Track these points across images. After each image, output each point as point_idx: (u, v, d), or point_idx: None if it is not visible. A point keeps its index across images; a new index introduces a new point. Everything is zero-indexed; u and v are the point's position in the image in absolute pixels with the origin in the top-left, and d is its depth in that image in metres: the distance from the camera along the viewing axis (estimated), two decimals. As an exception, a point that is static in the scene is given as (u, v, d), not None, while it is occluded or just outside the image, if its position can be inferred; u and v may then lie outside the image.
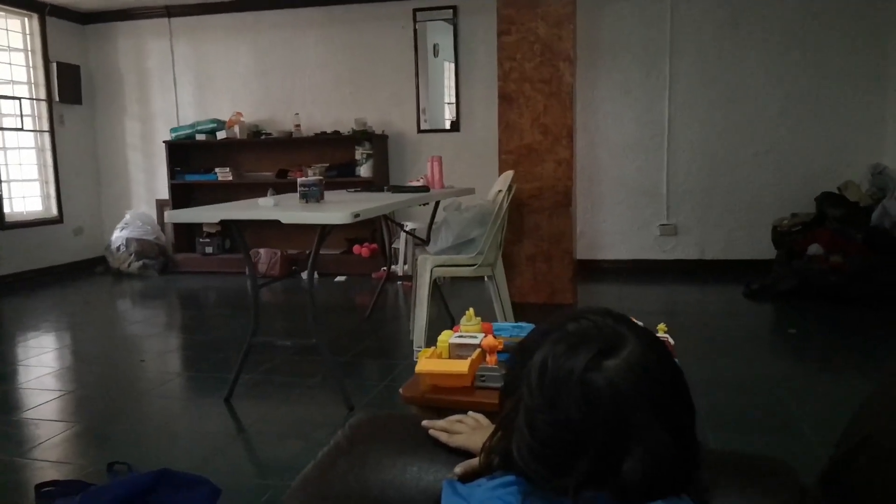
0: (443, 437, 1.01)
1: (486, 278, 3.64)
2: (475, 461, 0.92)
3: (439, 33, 5.83)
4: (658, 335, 1.44)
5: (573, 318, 0.77)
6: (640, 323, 0.80)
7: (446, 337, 1.57)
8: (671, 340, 1.45)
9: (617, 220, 5.62)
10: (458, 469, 0.95)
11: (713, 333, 3.79)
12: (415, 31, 5.83)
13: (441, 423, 1.04)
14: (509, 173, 3.81)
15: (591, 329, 0.75)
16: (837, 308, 4.15)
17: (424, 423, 1.05)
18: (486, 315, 1.71)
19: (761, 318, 4.28)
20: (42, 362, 3.61)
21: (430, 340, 1.61)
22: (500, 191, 3.63)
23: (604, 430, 0.70)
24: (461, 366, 1.48)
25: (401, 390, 1.57)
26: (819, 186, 5.05)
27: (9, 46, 5.91)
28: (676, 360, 1.31)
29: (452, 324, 3.05)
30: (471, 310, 1.71)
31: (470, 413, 1.08)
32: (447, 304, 4.05)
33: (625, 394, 0.70)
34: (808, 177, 5.19)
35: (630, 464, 0.70)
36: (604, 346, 0.72)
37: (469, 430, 1.02)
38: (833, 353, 3.45)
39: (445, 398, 1.46)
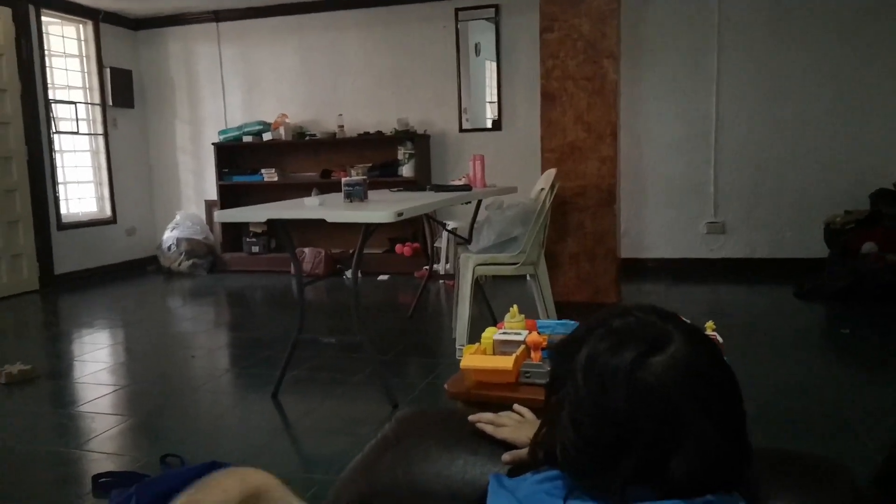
0: (489, 429, 1.02)
1: (528, 277, 3.63)
2: (523, 451, 0.92)
3: (481, 32, 5.84)
4: (706, 333, 1.42)
5: (619, 314, 0.77)
6: (687, 320, 0.79)
7: (490, 333, 1.58)
8: (720, 339, 1.43)
9: (662, 218, 5.54)
10: (507, 457, 0.96)
11: (762, 334, 3.71)
12: (456, 30, 5.84)
13: (487, 415, 1.05)
14: (552, 171, 3.79)
15: (638, 326, 0.75)
16: (893, 308, 4.02)
17: (471, 417, 1.06)
18: (529, 314, 1.71)
19: (813, 318, 4.17)
20: (97, 358, 3.74)
21: (473, 339, 1.61)
22: (542, 189, 3.62)
23: (650, 427, 0.70)
24: (506, 362, 1.48)
25: (446, 386, 1.58)
26: (873, 183, 4.89)
27: (65, 52, 6.12)
28: (725, 358, 1.29)
29: (494, 322, 3.04)
30: (515, 307, 1.71)
31: (515, 407, 1.08)
32: (489, 302, 4.05)
33: (671, 391, 0.70)
34: (861, 173, 5.03)
35: (677, 461, 0.69)
36: (650, 342, 0.72)
37: (515, 424, 1.02)
38: (888, 355, 3.34)
39: (490, 394, 1.46)
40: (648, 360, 0.70)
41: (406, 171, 5.81)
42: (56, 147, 5.94)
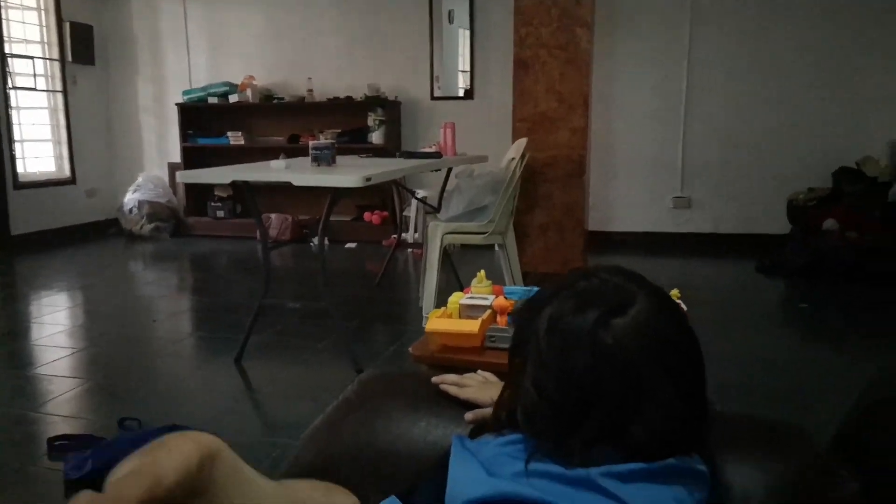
0: (452, 390, 1.01)
1: (496, 246, 3.62)
2: (486, 411, 0.92)
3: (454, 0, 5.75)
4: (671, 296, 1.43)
5: (584, 275, 0.76)
6: (653, 282, 0.78)
7: (457, 298, 1.57)
8: (684, 307, 1.44)
9: (630, 191, 5.57)
10: (469, 416, 0.95)
11: (725, 307, 3.77)
12: (430, -5, 5.74)
13: (451, 377, 1.04)
14: (522, 141, 3.77)
15: (601, 287, 0.74)
16: (851, 285, 4.11)
17: (434, 378, 1.05)
18: (497, 283, 1.70)
19: (773, 293, 4.25)
20: (55, 320, 3.65)
21: (440, 307, 1.60)
22: (513, 158, 3.60)
23: (611, 388, 0.69)
24: (471, 325, 1.47)
25: (410, 349, 1.57)
26: (837, 161, 4.97)
27: (22, 5, 5.87)
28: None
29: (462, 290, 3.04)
30: (482, 272, 1.70)
31: (479, 371, 1.07)
32: (457, 271, 4.04)
33: (633, 352, 0.69)
34: (826, 151, 5.10)
35: (638, 423, 0.69)
36: (613, 304, 0.71)
37: (478, 385, 1.01)
38: (845, 330, 3.42)
39: (455, 357, 1.45)
40: (611, 322, 0.69)
41: (376, 138, 5.74)
42: (12, 104, 5.73)
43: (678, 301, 1.44)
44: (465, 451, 0.79)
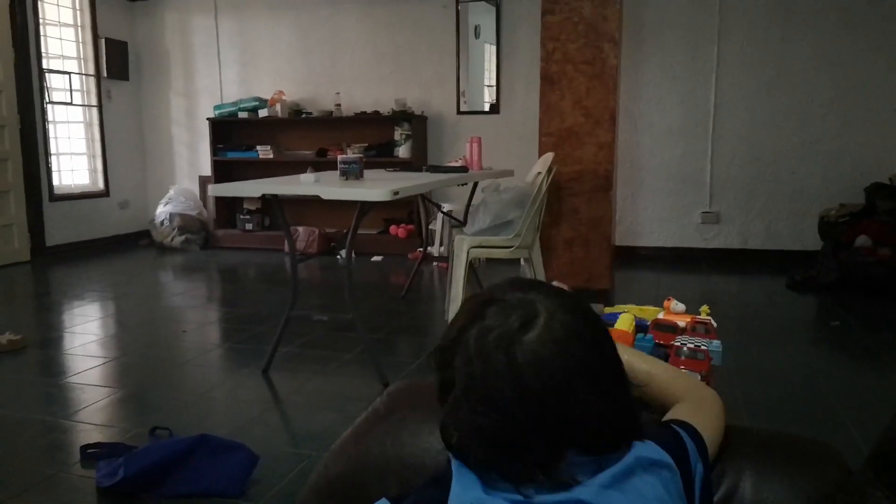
0: None
1: (522, 261, 3.62)
2: None
3: (481, 14, 5.79)
4: (700, 317, 1.42)
5: (482, 305, 0.75)
6: (554, 284, 0.81)
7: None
8: (714, 323, 1.43)
9: (657, 206, 5.54)
10: None
11: (754, 324, 3.72)
12: (457, 11, 5.79)
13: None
14: (549, 155, 3.78)
15: (504, 309, 0.73)
16: (883, 302, 4.04)
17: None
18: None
19: (804, 309, 4.18)
20: (87, 330, 3.72)
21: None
22: (539, 173, 3.61)
23: (540, 402, 0.68)
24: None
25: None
26: (870, 177, 4.89)
27: (59, 22, 6.04)
28: (717, 341, 1.29)
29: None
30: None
31: None
32: (482, 285, 4.05)
33: (551, 362, 0.69)
34: (857, 167, 5.04)
35: (575, 425, 0.69)
36: (520, 322, 0.70)
37: None
38: (877, 348, 3.36)
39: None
40: (522, 339, 0.69)
41: (402, 151, 5.78)
42: (49, 117, 5.89)
43: (707, 318, 1.44)
44: (465, 468, 0.77)
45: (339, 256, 5.71)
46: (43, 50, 5.77)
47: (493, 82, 5.83)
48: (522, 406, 0.69)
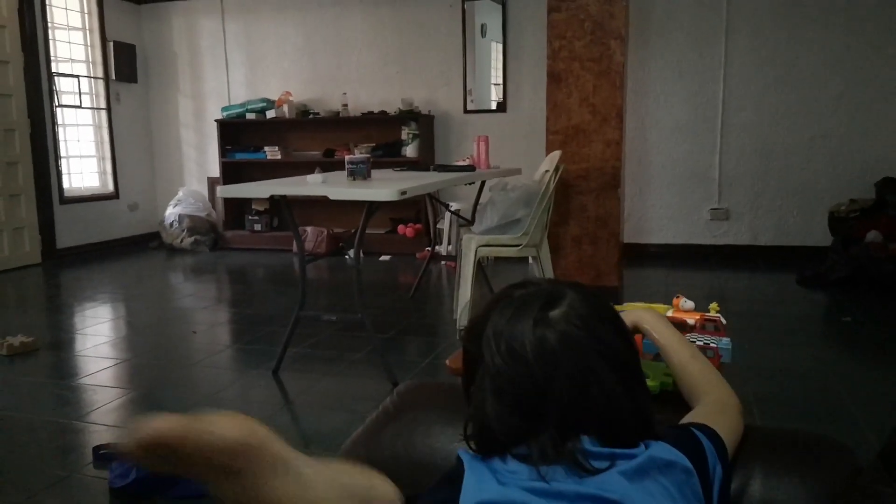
0: None
1: (530, 259, 3.62)
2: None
3: (487, 13, 5.78)
4: (709, 314, 1.42)
5: (516, 286, 0.81)
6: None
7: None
8: (723, 320, 1.42)
9: (666, 203, 5.52)
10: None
11: (764, 320, 3.71)
12: (463, 10, 5.78)
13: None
14: (556, 153, 3.77)
15: (533, 289, 0.79)
16: (894, 297, 4.01)
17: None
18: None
19: (814, 305, 4.16)
20: (98, 332, 3.75)
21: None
22: (546, 171, 3.61)
23: (565, 377, 0.72)
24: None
25: (447, 362, 1.58)
26: (880, 172, 4.87)
27: (68, 25, 6.08)
28: (727, 338, 1.29)
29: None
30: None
31: None
32: (491, 284, 4.05)
33: (575, 337, 0.73)
34: (867, 162, 5.00)
35: (593, 409, 0.72)
36: (546, 300, 0.76)
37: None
38: (889, 344, 3.34)
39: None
40: (548, 315, 0.75)
41: (410, 151, 5.79)
42: (59, 121, 5.92)
43: (717, 315, 1.44)
44: (477, 462, 0.77)
45: (347, 256, 5.72)
46: (52, 54, 5.81)
47: (500, 81, 5.83)
48: (544, 369, 0.72)
